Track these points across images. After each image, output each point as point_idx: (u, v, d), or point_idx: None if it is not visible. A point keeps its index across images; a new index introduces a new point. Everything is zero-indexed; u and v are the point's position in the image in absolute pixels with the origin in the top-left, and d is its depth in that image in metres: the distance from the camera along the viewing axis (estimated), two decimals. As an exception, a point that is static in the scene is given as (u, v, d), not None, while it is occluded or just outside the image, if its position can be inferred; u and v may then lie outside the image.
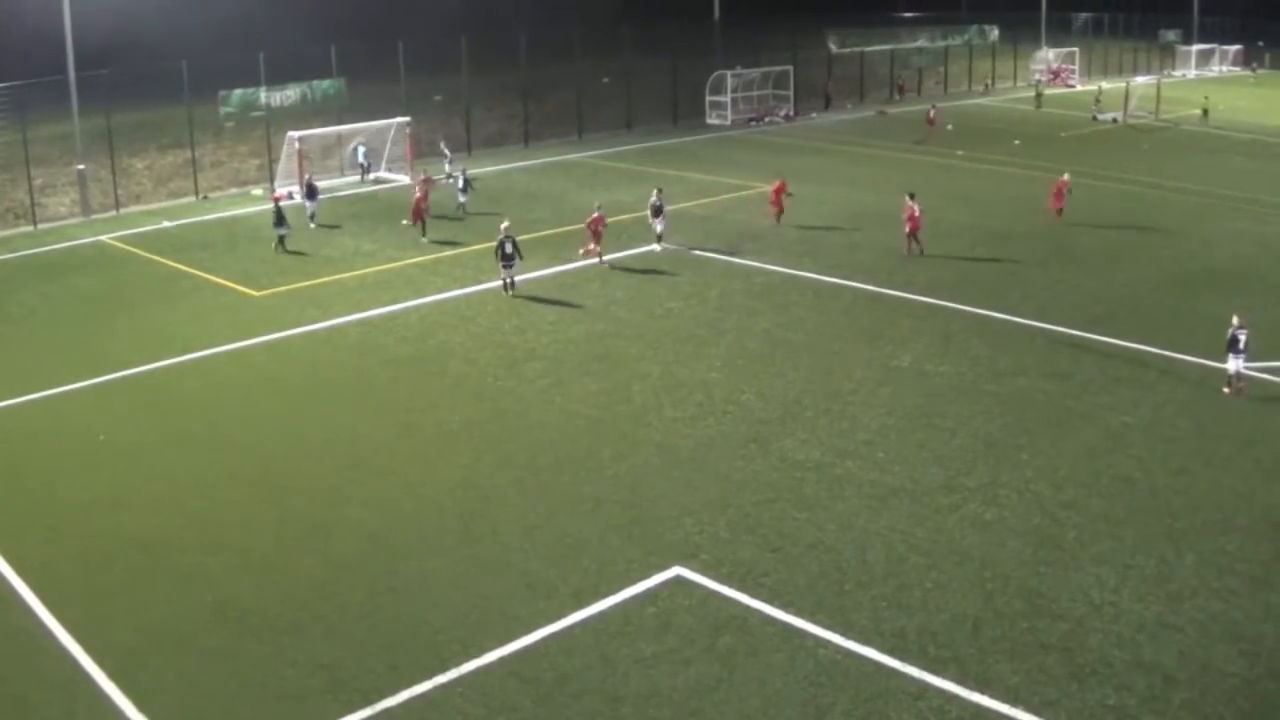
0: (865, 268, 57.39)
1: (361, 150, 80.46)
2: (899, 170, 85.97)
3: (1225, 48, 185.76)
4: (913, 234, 59.89)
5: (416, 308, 52.52)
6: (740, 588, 30.01)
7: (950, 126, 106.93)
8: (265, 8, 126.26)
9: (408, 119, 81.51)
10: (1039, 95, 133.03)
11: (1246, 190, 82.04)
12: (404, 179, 78.88)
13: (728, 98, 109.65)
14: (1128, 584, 30.64)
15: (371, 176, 79.65)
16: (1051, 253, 61.90)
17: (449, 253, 58.49)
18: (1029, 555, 32.07)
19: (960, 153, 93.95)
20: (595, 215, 58.62)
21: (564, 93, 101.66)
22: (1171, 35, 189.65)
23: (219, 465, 37.55)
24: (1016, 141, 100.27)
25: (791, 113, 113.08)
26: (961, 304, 52.55)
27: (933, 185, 79.08)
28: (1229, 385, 44.04)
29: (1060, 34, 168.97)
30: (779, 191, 67.08)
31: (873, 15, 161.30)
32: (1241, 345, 43.53)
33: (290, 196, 72.06)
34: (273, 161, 78.30)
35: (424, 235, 61.45)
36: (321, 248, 61.73)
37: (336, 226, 63.08)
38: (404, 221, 64.28)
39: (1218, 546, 32.74)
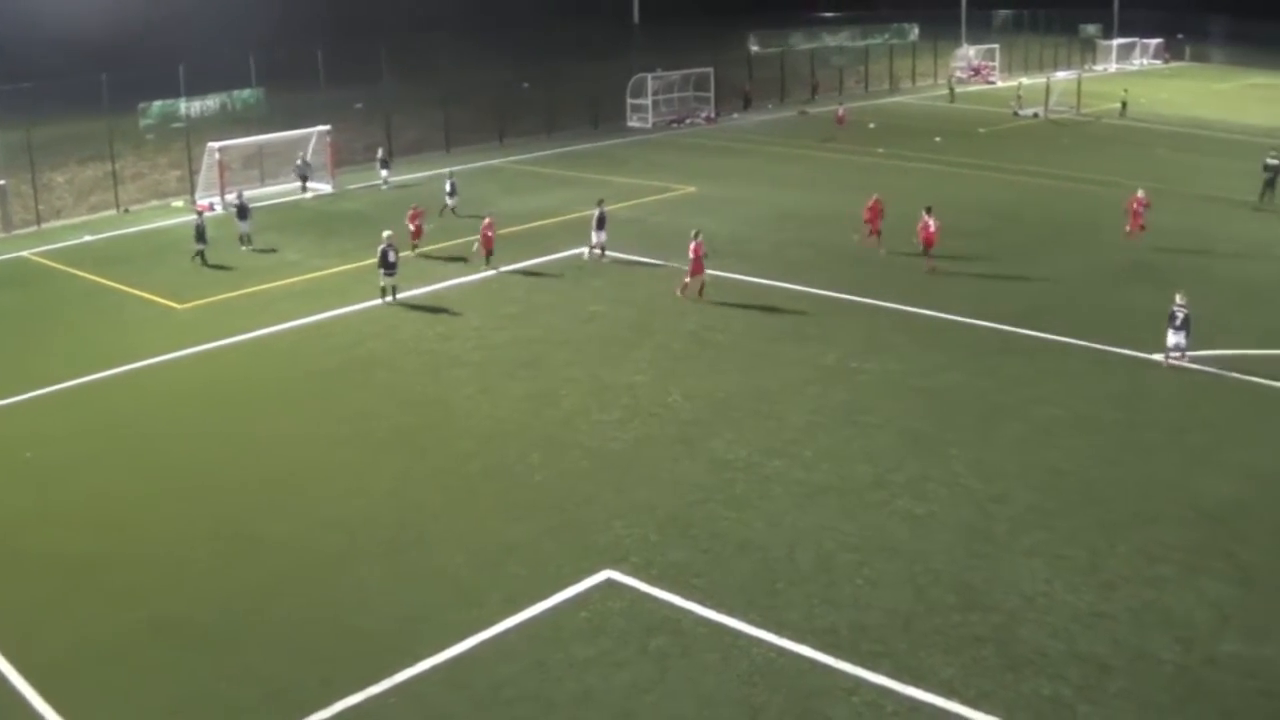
0: (790, 267, 57.50)
1: (301, 162, 79.94)
2: (821, 170, 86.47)
3: (1146, 41, 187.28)
4: (926, 249, 58.65)
5: (342, 317, 52.27)
6: (671, 589, 30.02)
7: (872, 125, 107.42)
8: (183, 18, 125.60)
9: (328, 127, 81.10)
10: (952, 90, 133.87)
11: (1168, 182, 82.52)
12: (326, 188, 78.52)
13: (648, 100, 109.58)
14: (1060, 575, 30.85)
15: (310, 187, 78.99)
16: (977, 249, 62.14)
17: (370, 261, 58.10)
18: (960, 549, 32.25)
19: (881, 150, 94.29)
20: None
21: (485, 98, 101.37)
22: (1092, 29, 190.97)
23: (148, 479, 37.26)
24: (938, 139, 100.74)
25: (712, 114, 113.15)
26: (888, 301, 52.75)
27: (856, 184, 79.35)
28: (1166, 357, 45.44)
29: (981, 31, 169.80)
30: (875, 211, 62.96)
31: (793, 15, 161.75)
32: (1179, 322, 44.89)
33: (212, 208, 71.65)
34: (193, 173, 77.76)
35: (414, 252, 60.36)
36: (246, 259, 61.34)
37: (272, 250, 62.42)
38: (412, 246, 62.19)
39: (1149, 535, 33.03)
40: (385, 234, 54.01)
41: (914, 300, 52.35)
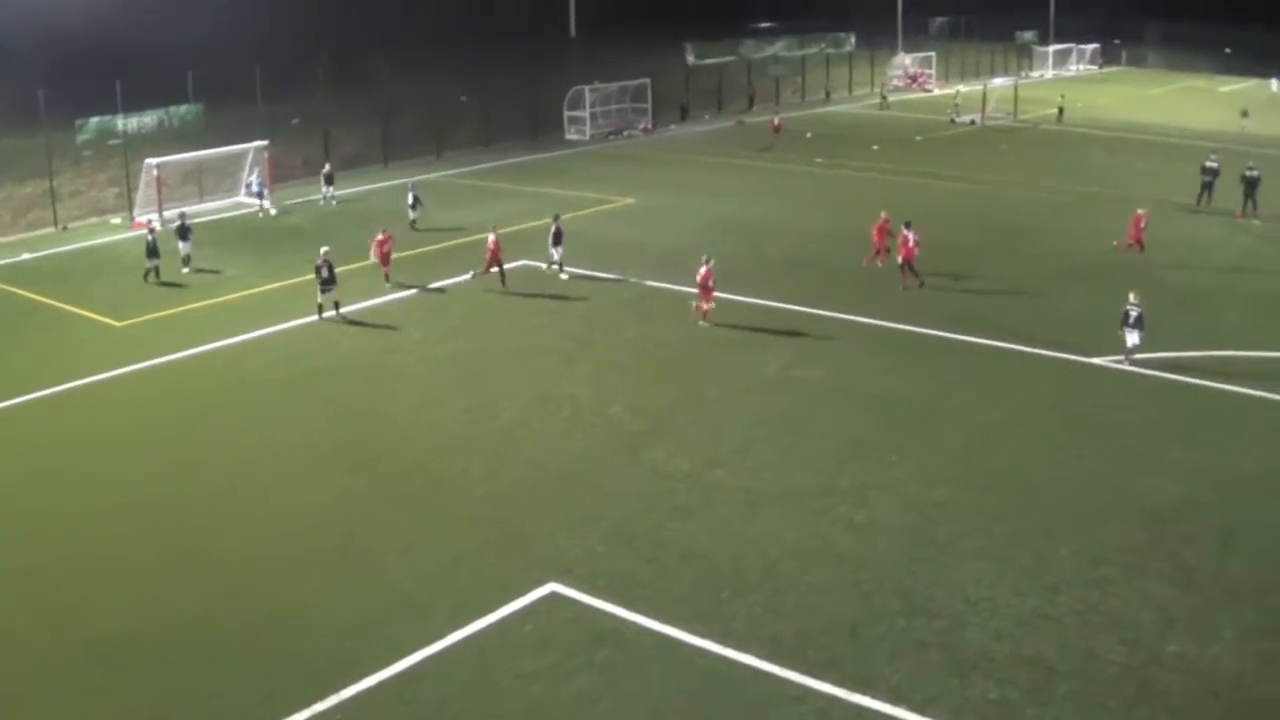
0: (729, 277, 57.41)
1: (256, 179, 79.44)
2: (759, 179, 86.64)
3: (1082, 47, 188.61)
4: (907, 263, 57.32)
5: (283, 332, 52.03)
6: (617, 600, 30.00)
7: (809, 134, 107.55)
8: (119, 34, 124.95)
9: (265, 143, 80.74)
10: (884, 98, 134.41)
11: (1106, 186, 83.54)
12: (264, 203, 78.18)
13: (586, 112, 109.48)
14: (1004, 578, 31.02)
15: (266, 204, 78.30)
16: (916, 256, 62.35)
17: (309, 276, 57.88)
18: (903, 554, 32.38)
19: (819, 160, 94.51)
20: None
21: (423, 111, 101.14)
22: (1028, 36, 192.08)
23: (90, 497, 36.94)
24: (875, 147, 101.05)
25: (650, 125, 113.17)
26: (827, 310, 52.85)
27: (794, 192, 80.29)
28: (1125, 357, 46.26)
29: (917, 38, 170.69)
30: (882, 231, 60.90)
31: (730, 26, 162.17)
32: (1132, 320, 45.70)
33: (151, 225, 71.29)
34: (132, 190, 77.29)
35: (388, 281, 59.15)
36: (186, 276, 60.88)
37: (214, 271, 61.98)
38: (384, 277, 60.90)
39: (1092, 537, 33.28)
40: (323, 249, 53.74)
41: (853, 308, 52.50)
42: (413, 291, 56.53)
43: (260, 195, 78.24)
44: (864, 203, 74.13)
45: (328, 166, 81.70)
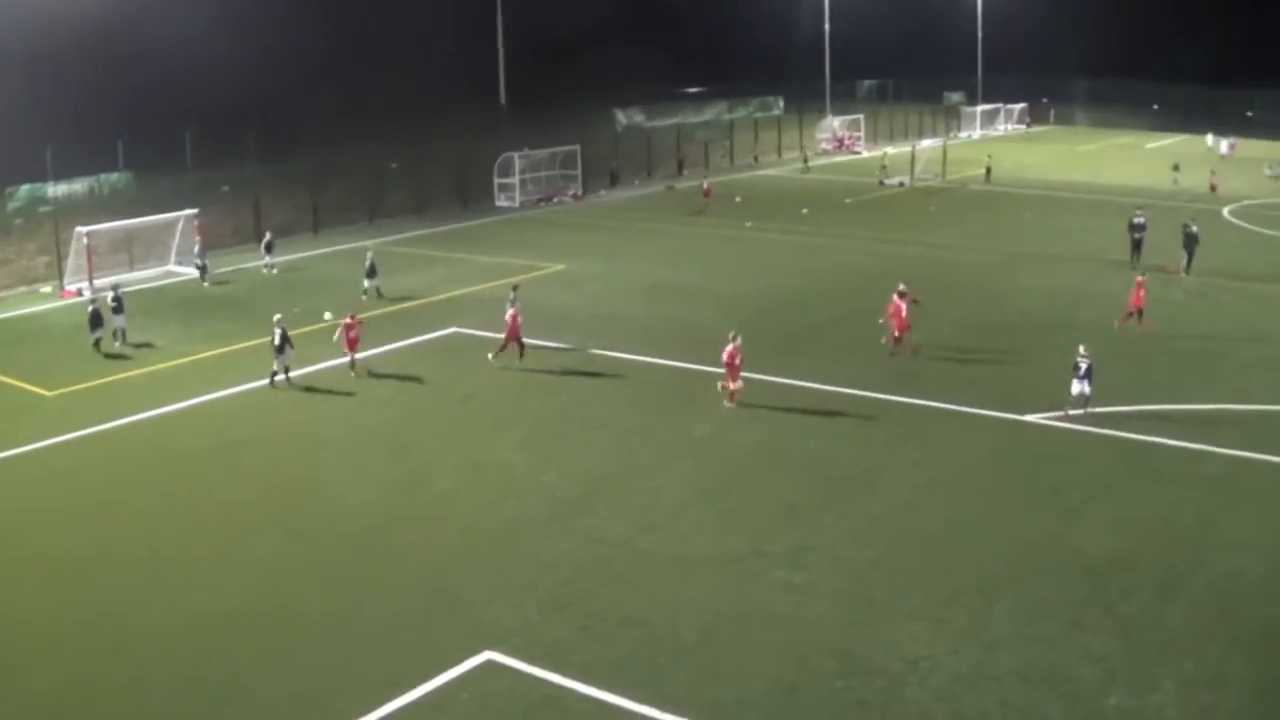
0: (660, 342, 57.55)
1: (197, 249, 78.76)
2: (689, 244, 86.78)
3: (1010, 106, 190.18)
4: (901, 334, 56.12)
5: (214, 401, 51.69)
6: (553, 668, 29.79)
7: (739, 198, 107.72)
8: (48, 101, 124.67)
9: (195, 211, 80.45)
10: (805, 161, 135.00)
11: (1033, 245, 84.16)
12: (192, 271, 77.70)
13: (516, 179, 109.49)
14: (941, 637, 30.99)
15: (177, 271, 77.68)
16: (845, 315, 62.72)
17: (240, 345, 57.79)
18: (839, 615, 32.35)
19: (749, 224, 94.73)
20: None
21: (353, 179, 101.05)
22: (956, 97, 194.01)
23: (15, 567, 36.54)
24: (804, 210, 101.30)
25: (580, 192, 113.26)
26: (759, 373, 52.73)
27: (724, 256, 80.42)
28: (1073, 408, 46.84)
29: (846, 101, 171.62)
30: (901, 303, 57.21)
31: (659, 91, 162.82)
32: (1083, 371, 46.30)
33: (80, 294, 70.94)
34: (62, 258, 76.82)
35: (353, 369, 57.84)
36: (119, 348, 60.40)
37: (148, 343, 61.39)
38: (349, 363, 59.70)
39: (1029, 593, 33.34)
40: (275, 317, 53.49)
41: (783, 370, 52.51)
42: (341, 360, 56.21)
43: (202, 270, 77.31)
44: (793, 266, 74.71)
45: (268, 235, 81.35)
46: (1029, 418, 47.52)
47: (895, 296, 56.30)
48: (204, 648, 31.45)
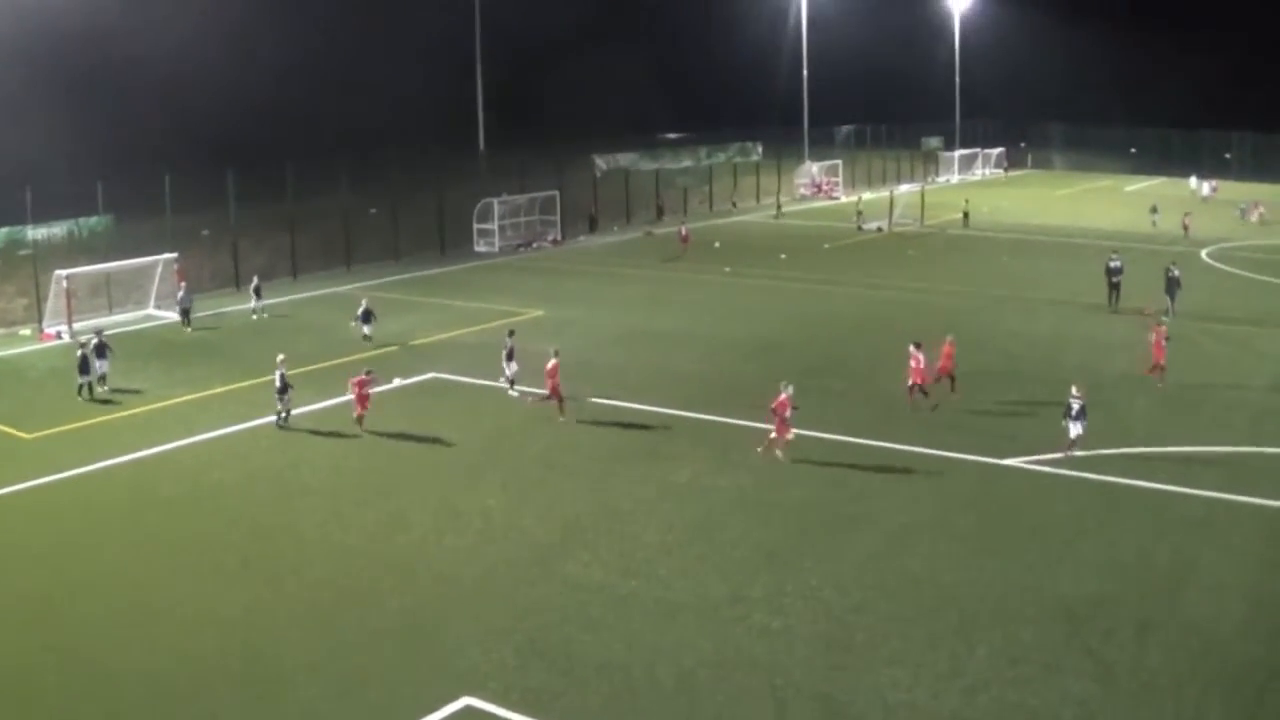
0: (638, 387, 57.51)
1: (180, 293, 78.16)
2: (667, 290, 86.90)
3: (988, 151, 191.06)
4: (917, 386, 54.64)
5: (190, 446, 51.52)
6: (532, 713, 29.66)
7: (717, 244, 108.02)
8: (28, 144, 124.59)
9: (175, 254, 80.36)
10: (779, 207, 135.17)
11: (1013, 288, 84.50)
12: (172, 315, 77.49)
13: (495, 225, 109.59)
14: (921, 681, 30.94)
15: (156, 314, 77.17)
16: (824, 362, 62.87)
17: (219, 389, 57.68)
18: (819, 660, 32.27)
19: (727, 269, 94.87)
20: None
21: (332, 224, 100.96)
22: (934, 142, 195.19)
23: (-9, 614, 36.43)
24: (782, 255, 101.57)
25: (559, 237, 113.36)
26: (737, 418, 52.85)
27: (702, 302, 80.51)
28: (1072, 449, 46.91)
29: (824, 147, 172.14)
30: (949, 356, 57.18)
31: (638, 137, 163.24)
32: (1074, 412, 46.60)
33: (59, 336, 70.79)
34: (41, 301, 76.65)
35: (361, 425, 57.07)
36: (103, 392, 59.98)
37: (134, 389, 61.02)
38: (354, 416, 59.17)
39: (1009, 637, 33.31)
40: (279, 358, 53.42)
41: (761, 416, 52.36)
42: (322, 405, 56.07)
43: (186, 313, 76.48)
44: (772, 312, 74.79)
45: (256, 279, 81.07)
46: (1008, 461, 47.60)
47: (912, 347, 54.82)
48: (181, 693, 31.26)
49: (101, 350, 60.65)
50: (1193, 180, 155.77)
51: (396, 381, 59.24)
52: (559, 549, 40.01)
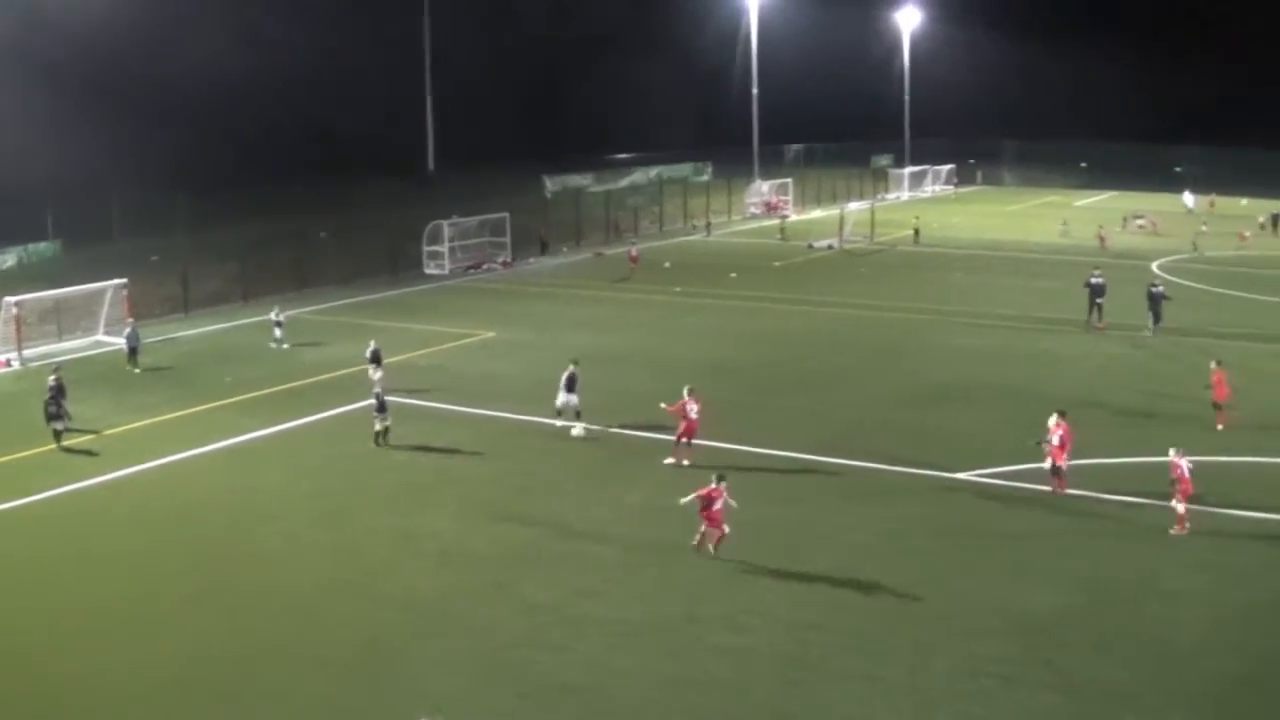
0: (588, 408, 57.25)
1: (128, 329, 77.17)
2: (618, 311, 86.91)
3: (937, 168, 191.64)
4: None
5: (143, 472, 51.19)
6: (491, 737, 29.55)
7: (667, 264, 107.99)
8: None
9: (124, 280, 79.94)
10: (708, 225, 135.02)
11: (965, 304, 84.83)
12: (119, 341, 76.96)
13: (445, 247, 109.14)
14: (879, 695, 31.06)
15: (139, 359, 75.81)
16: (779, 381, 62.88)
17: (171, 415, 57.40)
18: (777, 677, 32.38)
19: (678, 289, 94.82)
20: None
21: (283, 248, 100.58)
22: (884, 160, 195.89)
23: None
24: (733, 274, 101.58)
25: (509, 259, 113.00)
26: (694, 438, 52.78)
27: (652, 322, 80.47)
28: (1059, 487, 46.11)
29: (774, 165, 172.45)
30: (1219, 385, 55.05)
31: (588, 158, 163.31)
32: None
33: (9, 364, 70.31)
34: (-12, 328, 76.18)
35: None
36: (38, 417, 59.36)
37: (89, 418, 60.36)
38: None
39: (967, 651, 33.44)
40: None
41: (716, 435, 52.23)
42: (276, 429, 55.83)
43: (133, 348, 75.08)
44: (723, 331, 74.94)
45: (277, 309, 78.12)
46: (962, 476, 47.71)
47: (1055, 417, 46.92)
48: (136, 722, 31.08)
49: (61, 391, 58.55)
50: (1185, 196, 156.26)
51: (343, 408, 58.92)
52: (514, 571, 39.92)
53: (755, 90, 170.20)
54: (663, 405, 50.64)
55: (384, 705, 31.47)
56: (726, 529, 40.24)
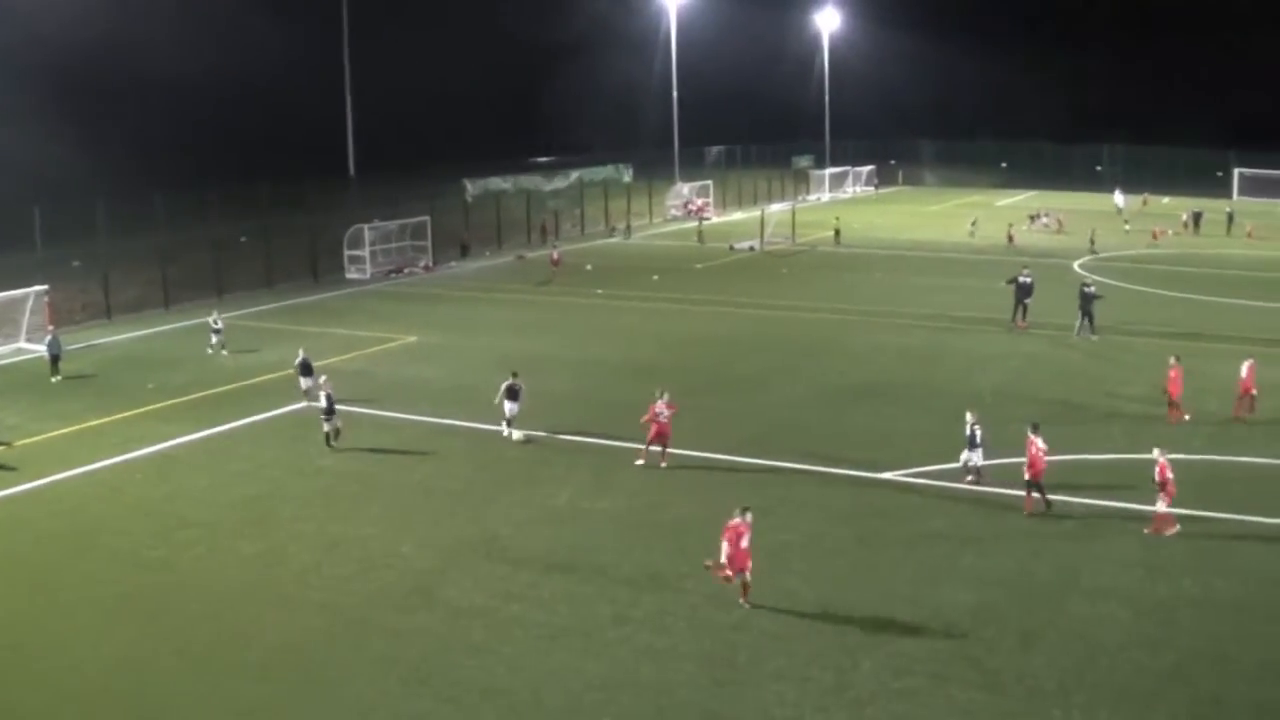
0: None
1: (49, 337, 76.44)
2: (540, 313, 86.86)
3: (858, 169, 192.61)
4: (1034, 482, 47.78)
5: (65, 480, 50.73)
6: (417, 742, 29.51)
7: (589, 267, 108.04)
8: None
9: (45, 287, 79.35)
10: (628, 228, 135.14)
11: (885, 304, 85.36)
12: (40, 349, 76.41)
13: (366, 251, 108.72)
14: (807, 696, 31.16)
15: (27, 348, 75.27)
16: (700, 381, 62.96)
17: (93, 423, 57.04)
18: (705, 678, 32.45)
19: (600, 291, 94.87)
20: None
21: (203, 253, 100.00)
22: (805, 161, 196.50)
23: None
24: (655, 277, 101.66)
25: (430, 263, 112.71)
26: (614, 440, 52.88)
27: (575, 325, 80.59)
28: (970, 476, 46.89)
29: (695, 168, 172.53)
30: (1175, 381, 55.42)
31: (509, 161, 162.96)
32: (978, 440, 46.42)
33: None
34: (-97, 338, 75.54)
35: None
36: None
37: (10, 427, 59.67)
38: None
39: (894, 649, 33.67)
40: (322, 378, 53.31)
41: (639, 437, 52.29)
42: (199, 435, 55.59)
43: (55, 359, 74.40)
44: (645, 333, 75.04)
45: (215, 313, 77.77)
46: (885, 475, 47.99)
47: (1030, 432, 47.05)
48: (61, 733, 30.91)
49: None
50: (1116, 195, 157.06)
51: (264, 414, 58.69)
52: (439, 576, 39.87)
53: (675, 92, 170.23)
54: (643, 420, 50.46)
55: (311, 714, 31.39)
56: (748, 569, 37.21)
